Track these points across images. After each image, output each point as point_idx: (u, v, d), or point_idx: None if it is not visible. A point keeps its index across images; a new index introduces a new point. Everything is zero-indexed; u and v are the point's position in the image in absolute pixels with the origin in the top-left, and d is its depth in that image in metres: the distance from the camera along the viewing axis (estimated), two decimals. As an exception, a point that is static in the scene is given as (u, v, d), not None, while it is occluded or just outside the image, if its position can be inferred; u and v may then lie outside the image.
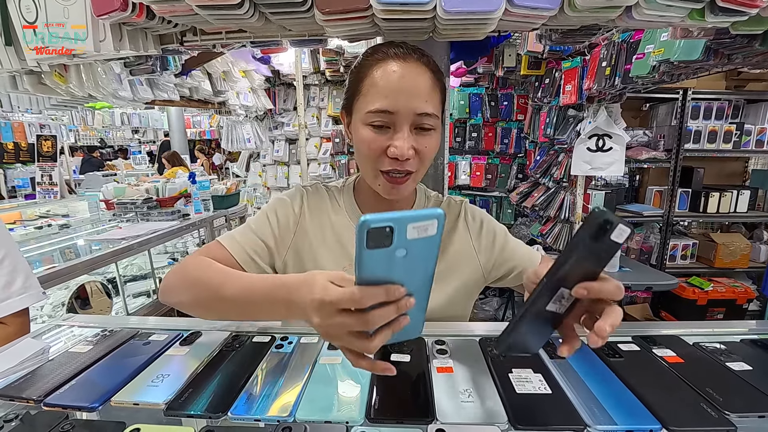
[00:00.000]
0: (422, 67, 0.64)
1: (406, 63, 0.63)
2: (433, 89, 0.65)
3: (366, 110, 0.64)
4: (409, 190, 0.69)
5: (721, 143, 2.72)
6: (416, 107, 0.62)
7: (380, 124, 0.63)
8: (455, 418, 0.46)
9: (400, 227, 0.37)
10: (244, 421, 0.47)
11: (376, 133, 0.64)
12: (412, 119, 0.63)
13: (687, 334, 0.69)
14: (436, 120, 0.65)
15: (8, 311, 0.82)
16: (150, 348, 0.65)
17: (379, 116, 0.63)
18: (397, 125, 0.63)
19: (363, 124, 0.65)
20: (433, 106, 0.64)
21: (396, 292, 0.39)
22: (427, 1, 0.59)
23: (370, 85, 0.64)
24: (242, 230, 0.75)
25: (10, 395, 0.54)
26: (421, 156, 0.65)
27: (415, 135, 0.64)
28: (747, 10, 0.65)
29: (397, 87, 0.62)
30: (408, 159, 0.63)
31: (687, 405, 0.48)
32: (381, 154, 0.64)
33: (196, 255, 0.69)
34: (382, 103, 0.62)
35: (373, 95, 0.63)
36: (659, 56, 1.42)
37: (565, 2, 0.65)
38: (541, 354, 0.60)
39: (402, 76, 0.62)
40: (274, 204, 0.78)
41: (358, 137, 0.67)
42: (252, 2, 0.66)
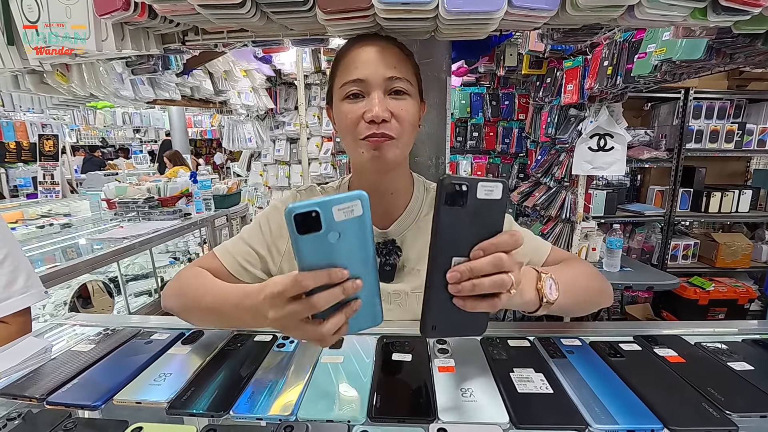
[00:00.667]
0: (389, 43, 0.69)
1: (373, 40, 0.68)
2: (402, 59, 0.68)
3: (340, 85, 0.67)
4: (393, 153, 0.67)
5: (722, 143, 2.71)
6: (385, 72, 0.65)
7: (355, 92, 0.66)
8: (457, 417, 0.46)
9: (325, 210, 0.39)
10: (246, 420, 0.47)
11: (351, 103, 0.66)
12: (384, 84, 0.65)
13: (688, 333, 0.68)
14: (408, 85, 0.67)
15: (10, 310, 0.82)
16: (152, 347, 0.65)
17: (352, 86, 0.66)
18: (370, 91, 0.65)
19: (341, 100, 0.68)
20: (403, 72, 0.67)
21: (338, 273, 0.41)
22: (429, 1, 0.59)
23: (343, 66, 0.68)
24: (235, 240, 0.78)
25: (13, 394, 0.54)
26: (399, 119, 0.66)
27: (389, 99, 0.66)
28: (750, 9, 0.65)
29: (366, 58, 0.66)
30: (384, 121, 0.64)
31: (688, 405, 0.48)
32: (358, 120, 0.65)
33: (191, 266, 0.74)
34: (354, 74, 0.65)
35: (345, 71, 0.67)
36: (661, 56, 1.42)
37: (567, 1, 0.65)
38: (542, 354, 0.60)
39: (369, 49, 0.67)
40: (267, 212, 0.80)
41: (338, 114, 0.69)
42: (254, 1, 0.66)
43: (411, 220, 0.77)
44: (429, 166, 1.35)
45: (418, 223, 0.77)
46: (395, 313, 0.72)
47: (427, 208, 0.78)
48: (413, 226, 0.77)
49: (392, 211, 0.76)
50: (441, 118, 1.30)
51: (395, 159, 0.68)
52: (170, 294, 0.71)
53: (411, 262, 0.75)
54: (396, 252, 0.74)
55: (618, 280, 2.24)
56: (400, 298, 0.73)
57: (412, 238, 0.76)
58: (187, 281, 0.70)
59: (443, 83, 1.28)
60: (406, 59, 0.69)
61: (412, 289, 0.73)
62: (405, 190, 0.78)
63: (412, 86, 0.68)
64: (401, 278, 0.74)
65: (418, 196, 0.78)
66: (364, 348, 0.62)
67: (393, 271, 0.74)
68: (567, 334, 0.67)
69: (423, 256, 0.73)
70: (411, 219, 0.77)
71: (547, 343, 0.63)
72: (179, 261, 2.44)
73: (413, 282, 0.73)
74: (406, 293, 0.73)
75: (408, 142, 0.70)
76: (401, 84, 0.66)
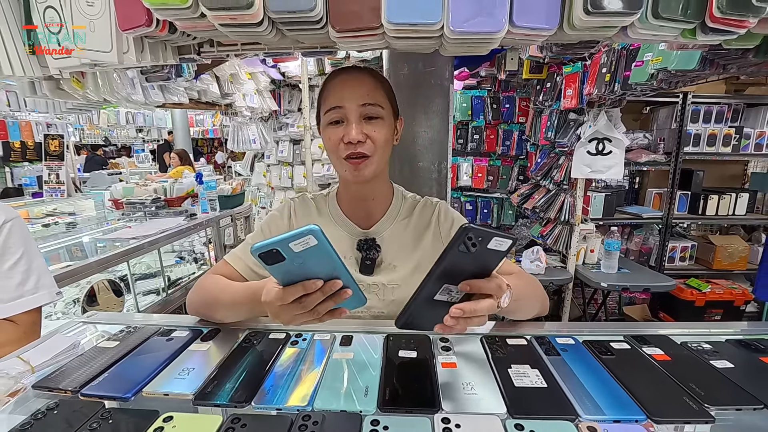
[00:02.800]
0: (364, 73, 0.81)
1: (351, 72, 0.81)
2: (375, 87, 0.79)
3: (324, 112, 0.80)
4: (370, 170, 0.78)
5: (720, 146, 2.76)
6: (359, 99, 0.76)
7: (336, 119, 0.78)
8: (459, 408, 0.50)
9: (283, 247, 0.46)
10: (267, 410, 0.52)
11: (333, 127, 0.78)
12: (359, 110, 0.76)
13: (676, 334, 0.73)
14: (380, 110, 0.78)
15: (19, 310, 0.84)
16: (173, 344, 0.69)
17: (333, 113, 0.77)
18: (348, 117, 0.77)
19: (325, 126, 0.80)
20: (376, 98, 0.78)
21: (311, 285, 0.51)
22: (435, 22, 0.63)
23: (325, 96, 0.81)
24: (242, 247, 0.88)
25: (49, 386, 0.59)
26: (373, 140, 0.77)
27: (364, 123, 0.77)
28: (736, 30, 0.69)
29: (343, 87, 0.78)
30: (360, 142, 0.75)
31: (671, 398, 0.53)
32: (339, 143, 0.77)
33: (208, 274, 0.85)
34: (333, 102, 0.77)
35: (327, 100, 0.79)
36: (657, 65, 1.46)
37: (564, 22, 0.69)
38: (538, 351, 0.65)
39: (347, 79, 0.79)
40: (267, 219, 0.92)
41: (324, 137, 0.82)
42: (270, 20, 0.70)
43: (390, 222, 0.88)
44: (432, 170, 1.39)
45: (396, 226, 0.88)
46: (373, 302, 0.83)
47: (404, 213, 0.90)
48: (391, 227, 0.88)
49: (373, 214, 0.88)
50: (444, 124, 1.35)
51: (372, 174, 0.79)
52: (194, 299, 0.82)
53: (388, 258, 0.86)
54: (375, 248, 0.85)
55: (615, 282, 2.29)
56: (378, 289, 0.84)
57: (389, 237, 0.87)
58: (205, 288, 0.81)
59: (446, 91, 1.32)
60: (378, 86, 0.80)
61: (389, 281, 0.84)
62: (384, 196, 0.90)
63: (383, 109, 0.79)
64: (379, 272, 0.85)
65: (396, 203, 0.90)
66: (373, 345, 0.67)
67: (372, 265, 0.85)
68: (562, 334, 0.71)
69: (399, 255, 0.87)
70: (390, 221, 0.88)
71: (543, 341, 0.68)
72: (185, 260, 2.48)
73: (389, 276, 0.84)
74: (384, 285, 0.84)
75: (383, 158, 0.81)
76: (374, 109, 0.77)
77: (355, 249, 0.86)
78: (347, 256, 0.87)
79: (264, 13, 0.65)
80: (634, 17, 0.63)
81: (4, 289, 0.83)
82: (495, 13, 0.62)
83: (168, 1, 0.64)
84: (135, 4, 0.69)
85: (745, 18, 0.64)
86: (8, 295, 0.83)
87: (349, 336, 0.70)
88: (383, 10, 0.63)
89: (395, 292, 0.83)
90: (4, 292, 0.83)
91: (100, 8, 0.80)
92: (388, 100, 0.82)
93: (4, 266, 0.84)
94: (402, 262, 0.85)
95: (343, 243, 0.87)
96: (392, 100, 0.84)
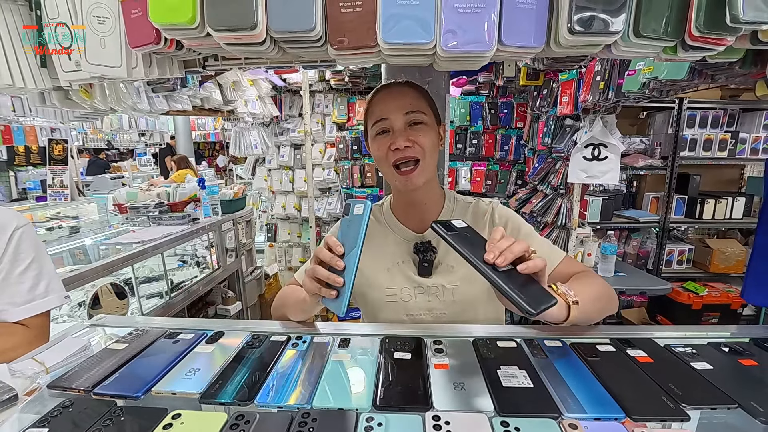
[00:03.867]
0: (405, 85, 0.87)
1: (393, 86, 0.87)
2: (416, 97, 0.85)
3: (371, 125, 0.86)
4: (421, 178, 0.83)
5: (716, 151, 2.79)
6: (403, 108, 0.82)
7: (382, 130, 0.84)
8: (449, 406, 0.54)
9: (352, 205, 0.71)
10: (269, 408, 0.55)
11: (381, 138, 0.84)
12: (403, 119, 0.82)
13: (662, 337, 0.76)
14: (423, 116, 0.83)
15: (31, 313, 0.87)
16: (179, 346, 0.73)
17: (379, 125, 0.84)
18: (394, 126, 0.83)
19: (373, 137, 0.86)
20: (417, 106, 0.83)
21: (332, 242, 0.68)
22: (427, 42, 0.67)
23: (371, 111, 0.87)
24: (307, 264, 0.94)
25: (62, 386, 0.62)
26: (420, 144, 0.82)
27: (409, 130, 0.82)
28: (715, 48, 0.72)
29: (387, 99, 0.85)
30: (407, 147, 0.80)
31: (649, 398, 0.56)
32: (387, 152, 0.83)
33: (286, 286, 0.98)
34: (379, 114, 0.84)
35: (373, 114, 0.86)
36: (649, 74, 1.50)
37: (551, 40, 0.73)
38: (527, 354, 0.68)
39: (390, 93, 0.86)
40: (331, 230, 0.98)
41: (373, 149, 0.87)
42: (272, 39, 0.74)
43: None
44: (429, 177, 1.44)
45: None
46: (433, 303, 0.87)
47: (458, 214, 0.94)
48: None
49: (427, 218, 0.91)
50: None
51: (422, 181, 0.84)
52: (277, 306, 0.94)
53: (445, 260, 0.89)
54: (432, 250, 0.88)
55: (612, 285, 2.30)
56: (438, 291, 0.87)
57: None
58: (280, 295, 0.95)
59: (442, 100, 1.36)
60: (420, 96, 0.86)
61: (449, 282, 0.86)
62: (437, 201, 0.93)
63: (426, 116, 0.84)
64: (437, 274, 0.89)
65: (449, 206, 0.94)
66: (369, 347, 0.70)
67: (430, 267, 0.88)
68: (550, 336, 0.74)
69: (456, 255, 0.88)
70: None
71: (532, 344, 0.71)
72: (188, 264, 2.52)
73: (448, 277, 0.87)
74: (444, 286, 0.87)
75: (431, 163, 0.85)
76: (417, 116, 0.83)
77: (411, 252, 0.90)
78: (404, 260, 0.90)
79: (267, 33, 0.68)
80: (617, 37, 0.67)
81: (17, 294, 0.86)
82: (484, 33, 0.66)
83: (176, 22, 0.68)
84: (144, 24, 0.73)
85: (723, 36, 0.68)
86: (20, 299, 0.87)
87: (347, 338, 0.73)
88: (379, 31, 0.66)
89: (455, 293, 0.86)
90: (16, 296, 0.86)
91: (111, 26, 0.84)
92: (430, 108, 0.87)
93: (16, 271, 0.88)
94: (459, 262, 0.86)
95: (399, 247, 0.91)
96: (434, 108, 0.89)
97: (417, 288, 0.88)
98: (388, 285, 0.89)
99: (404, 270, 0.90)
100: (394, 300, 0.89)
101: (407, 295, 0.88)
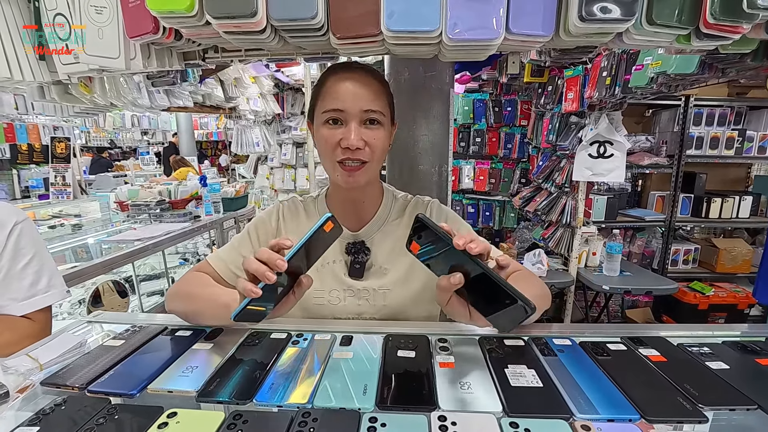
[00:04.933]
0: (368, 76, 0.77)
1: (355, 73, 0.76)
2: (379, 93, 0.77)
3: (322, 111, 0.76)
4: (365, 178, 0.77)
5: (723, 149, 2.75)
6: (362, 105, 0.74)
7: (334, 119, 0.75)
8: (455, 406, 0.51)
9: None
10: (268, 407, 0.53)
11: (331, 128, 0.75)
12: (360, 115, 0.74)
13: (674, 336, 0.74)
14: (382, 116, 0.76)
15: (33, 308, 0.87)
16: (177, 342, 0.71)
17: (332, 114, 0.74)
18: (348, 121, 0.74)
19: (321, 124, 0.77)
20: (378, 105, 0.75)
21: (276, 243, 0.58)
22: (433, 29, 0.65)
23: (325, 93, 0.77)
24: (227, 248, 0.87)
25: (56, 383, 0.60)
26: (372, 147, 0.75)
27: (364, 129, 0.75)
28: (730, 36, 0.70)
29: (346, 89, 0.74)
30: (358, 149, 0.73)
31: (665, 398, 0.53)
32: (335, 146, 0.75)
33: (190, 272, 0.85)
34: (334, 103, 0.74)
35: (327, 99, 0.76)
36: (657, 68, 1.47)
37: (560, 28, 0.70)
38: (535, 352, 0.66)
39: (350, 81, 0.75)
40: (255, 222, 0.91)
41: (318, 136, 0.78)
42: (273, 28, 0.72)
43: (380, 224, 0.87)
44: (432, 173, 1.41)
45: (386, 227, 0.87)
46: (364, 307, 0.82)
47: (395, 213, 0.88)
48: (381, 229, 0.86)
49: (363, 217, 0.86)
50: (444, 128, 1.36)
51: (365, 181, 0.78)
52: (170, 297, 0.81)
53: (379, 262, 0.84)
54: (364, 251, 0.83)
55: (617, 285, 2.29)
56: (368, 294, 0.82)
57: (380, 240, 0.85)
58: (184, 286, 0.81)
59: (446, 95, 1.34)
60: (381, 91, 0.78)
61: (379, 286, 0.82)
62: (375, 198, 0.88)
63: (385, 116, 0.77)
64: (369, 276, 0.84)
65: (387, 203, 0.88)
66: (372, 345, 0.68)
67: (362, 269, 0.83)
68: (559, 335, 0.72)
69: (390, 258, 0.85)
70: (380, 223, 0.87)
71: (539, 342, 0.69)
72: (189, 262, 2.51)
73: (380, 280, 0.83)
74: (374, 290, 0.82)
75: (377, 165, 0.80)
76: (375, 116, 0.75)
77: (343, 252, 0.85)
78: (336, 259, 0.85)
79: (267, 21, 0.66)
80: (629, 24, 0.65)
81: (18, 289, 0.86)
82: (492, 20, 0.63)
83: (174, 9, 0.66)
84: (143, 12, 0.71)
85: (739, 24, 0.65)
86: (22, 294, 0.86)
87: (349, 336, 0.71)
88: (382, 19, 0.64)
89: (386, 297, 0.82)
90: (18, 291, 0.86)
91: (109, 16, 0.82)
92: (388, 107, 0.80)
93: (17, 267, 0.87)
94: (393, 265, 0.84)
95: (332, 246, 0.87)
96: (391, 106, 0.82)
97: (347, 291, 0.83)
98: (316, 286, 0.81)
99: (335, 270, 0.84)
100: (321, 303, 0.83)
101: (335, 298, 0.83)
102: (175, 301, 0.80)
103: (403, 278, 0.83)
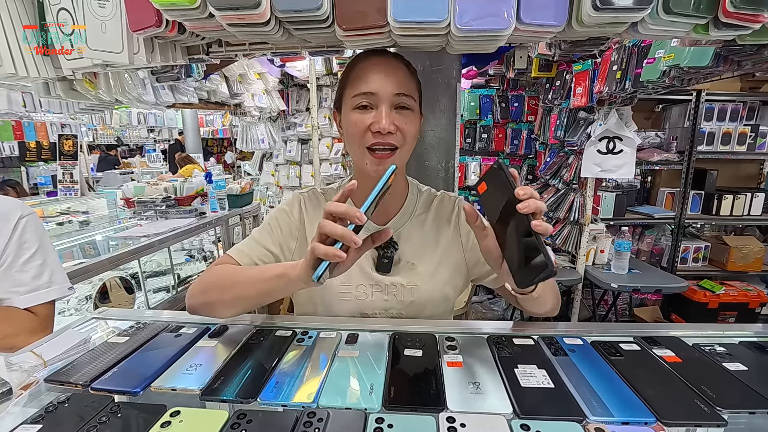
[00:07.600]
0: (398, 61, 0.75)
1: (384, 57, 0.75)
2: (409, 78, 0.75)
3: (352, 95, 0.73)
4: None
5: (735, 145, 2.69)
6: (394, 88, 0.71)
7: (364, 104, 0.72)
8: (464, 407, 0.50)
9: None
10: (273, 406, 0.52)
11: (361, 113, 0.73)
12: (391, 99, 0.72)
13: (688, 336, 0.71)
14: (412, 101, 0.74)
15: (34, 302, 0.87)
16: (181, 340, 0.70)
17: (363, 98, 0.72)
18: (379, 104, 0.72)
19: (350, 109, 0.74)
20: (409, 89, 0.74)
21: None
22: (441, 20, 0.63)
23: (355, 77, 0.74)
24: (248, 242, 0.84)
25: (60, 380, 0.60)
26: (403, 132, 0.73)
27: (395, 113, 0.72)
28: (750, 25, 0.67)
29: (377, 72, 0.72)
30: (390, 133, 0.71)
31: (681, 401, 0.52)
32: (366, 131, 0.72)
33: (213, 267, 0.79)
34: (365, 87, 0.72)
35: (357, 83, 0.73)
36: (669, 61, 1.43)
37: (573, 18, 0.68)
38: (545, 352, 0.64)
39: (380, 64, 0.74)
40: (275, 214, 0.87)
41: (347, 122, 0.75)
42: (277, 20, 0.70)
43: (406, 218, 0.85)
44: (439, 169, 1.39)
45: (413, 221, 0.85)
46: (390, 303, 0.80)
47: (421, 207, 0.86)
48: (408, 223, 0.84)
49: (390, 210, 0.84)
50: (451, 123, 1.34)
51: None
52: (197, 292, 0.75)
53: (406, 256, 0.82)
54: (393, 246, 0.81)
55: (626, 283, 2.26)
56: (396, 290, 0.80)
57: (407, 234, 0.83)
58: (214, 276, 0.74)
59: (453, 89, 1.32)
60: (411, 76, 0.76)
61: (408, 282, 0.80)
62: (401, 191, 0.85)
63: (414, 102, 0.75)
64: (397, 271, 0.82)
65: (412, 198, 0.86)
66: (378, 343, 0.67)
67: (390, 264, 0.81)
68: (569, 334, 0.70)
69: (418, 252, 0.83)
70: (406, 217, 0.85)
71: (550, 342, 0.67)
72: (194, 258, 2.51)
73: (408, 276, 0.81)
74: (403, 285, 0.80)
75: (407, 152, 0.77)
76: (407, 100, 0.73)
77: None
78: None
79: (271, 13, 0.65)
80: (645, 13, 0.62)
81: (20, 283, 0.86)
82: (502, 10, 0.61)
83: (177, 2, 0.65)
84: (145, 5, 0.70)
85: (760, 12, 0.63)
86: (24, 287, 0.86)
87: (355, 334, 0.70)
88: (389, 9, 0.62)
89: (414, 293, 0.80)
90: (19, 285, 0.86)
91: (112, 9, 0.81)
92: (418, 92, 0.78)
93: (20, 260, 0.87)
94: (421, 260, 0.82)
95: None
96: (420, 94, 0.80)
97: (374, 286, 0.81)
98: (343, 281, 0.80)
99: (361, 265, 0.81)
100: (347, 298, 0.81)
101: (363, 294, 0.81)
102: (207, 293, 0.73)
103: (431, 274, 0.81)
